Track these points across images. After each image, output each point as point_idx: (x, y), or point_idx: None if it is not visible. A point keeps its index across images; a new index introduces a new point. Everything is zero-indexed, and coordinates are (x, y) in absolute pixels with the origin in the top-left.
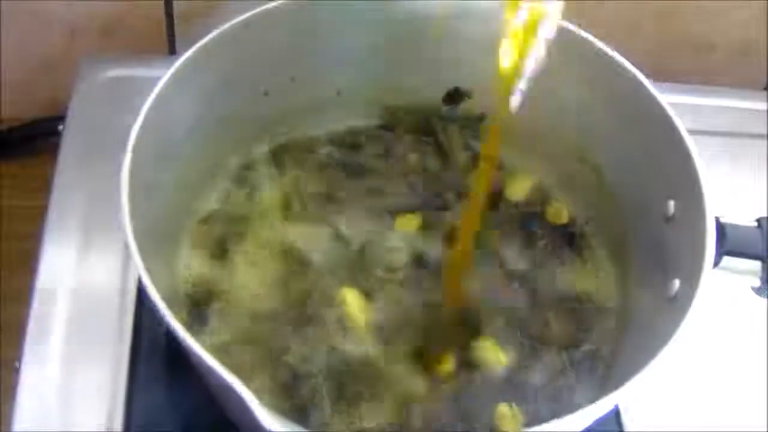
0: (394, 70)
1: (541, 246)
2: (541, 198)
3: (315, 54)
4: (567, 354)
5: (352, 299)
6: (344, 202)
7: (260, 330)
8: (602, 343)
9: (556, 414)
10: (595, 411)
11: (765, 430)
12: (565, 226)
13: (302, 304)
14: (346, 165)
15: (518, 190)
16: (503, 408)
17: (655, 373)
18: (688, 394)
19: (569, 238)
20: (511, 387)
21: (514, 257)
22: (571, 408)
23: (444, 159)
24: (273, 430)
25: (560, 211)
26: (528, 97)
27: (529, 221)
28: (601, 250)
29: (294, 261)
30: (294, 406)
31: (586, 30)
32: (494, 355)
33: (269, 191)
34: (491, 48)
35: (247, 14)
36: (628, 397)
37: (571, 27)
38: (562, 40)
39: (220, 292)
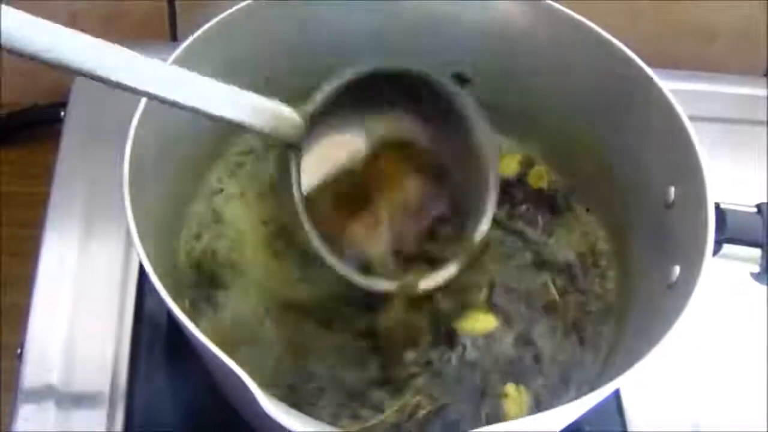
0: (395, 57)
1: (542, 227)
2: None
3: (316, 41)
4: (566, 336)
5: None
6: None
7: (263, 312)
8: (602, 328)
9: (556, 395)
10: (596, 397)
11: (765, 430)
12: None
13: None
14: None
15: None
16: (510, 388)
17: (655, 361)
18: (689, 382)
19: (566, 220)
20: (515, 363)
21: (516, 238)
22: (570, 391)
23: None
24: (277, 418)
25: (541, 175)
26: (529, 83)
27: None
28: (602, 238)
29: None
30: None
31: (587, 16)
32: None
33: (271, 173)
34: (492, 33)
35: (249, 1)
36: (629, 388)
37: (572, 13)
38: (563, 26)
39: (223, 274)
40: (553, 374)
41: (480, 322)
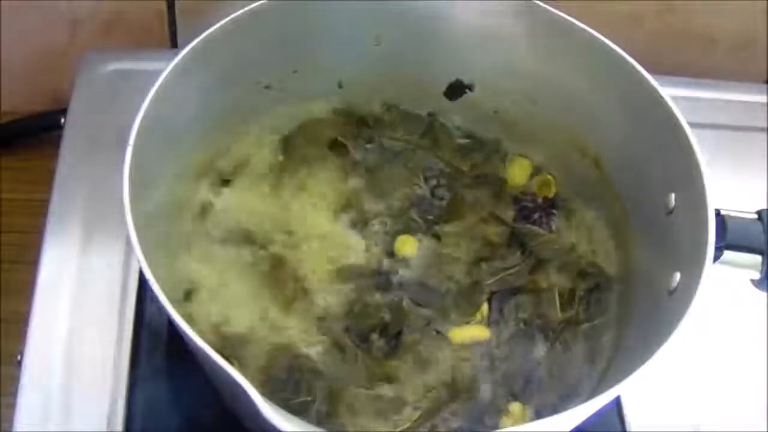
0: (396, 62)
1: (550, 236)
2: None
3: (317, 46)
4: (567, 347)
5: None
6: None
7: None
8: (603, 336)
9: (556, 401)
10: (596, 405)
11: (765, 430)
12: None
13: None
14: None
15: (519, 175)
16: (515, 406)
17: (656, 367)
18: (689, 385)
19: (573, 230)
20: (516, 376)
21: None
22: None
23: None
24: (275, 423)
25: (547, 182)
26: (530, 89)
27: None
28: (608, 245)
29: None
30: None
31: (587, 23)
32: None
33: (269, 178)
34: (490, 38)
35: (249, 7)
36: (629, 391)
37: (573, 20)
38: (564, 33)
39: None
40: (554, 386)
41: (471, 331)
